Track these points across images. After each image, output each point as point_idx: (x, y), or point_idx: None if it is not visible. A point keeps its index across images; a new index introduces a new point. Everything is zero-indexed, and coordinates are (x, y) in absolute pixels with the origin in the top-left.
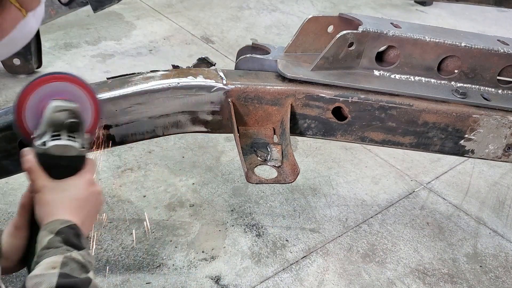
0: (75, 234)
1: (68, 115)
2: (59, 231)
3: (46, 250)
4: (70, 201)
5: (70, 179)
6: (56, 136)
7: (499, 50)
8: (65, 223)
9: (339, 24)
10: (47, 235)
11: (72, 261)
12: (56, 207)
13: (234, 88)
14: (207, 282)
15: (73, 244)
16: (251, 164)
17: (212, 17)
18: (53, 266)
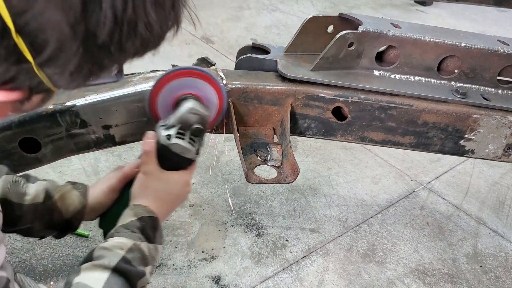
0: (152, 226)
1: (198, 120)
2: (141, 218)
3: (124, 229)
4: (165, 195)
5: (174, 173)
6: (181, 134)
7: (499, 50)
8: (150, 213)
9: (339, 24)
10: (131, 215)
11: (138, 251)
12: (151, 195)
13: (234, 88)
14: (207, 282)
15: (147, 235)
16: (251, 164)
17: (212, 17)
18: (121, 247)
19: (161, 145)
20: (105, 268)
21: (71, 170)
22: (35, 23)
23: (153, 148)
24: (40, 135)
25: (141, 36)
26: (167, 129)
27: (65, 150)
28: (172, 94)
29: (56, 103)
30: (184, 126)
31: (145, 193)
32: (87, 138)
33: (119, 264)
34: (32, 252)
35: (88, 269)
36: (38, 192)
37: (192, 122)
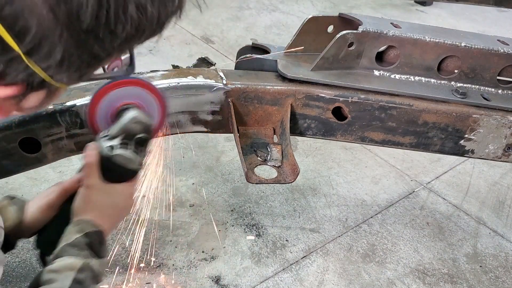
0: (100, 241)
1: (142, 129)
2: (88, 234)
3: (70, 248)
4: (108, 208)
5: (118, 186)
6: (124, 145)
7: (499, 50)
8: (96, 227)
9: (339, 24)
10: (76, 232)
11: (89, 270)
12: (95, 208)
13: (234, 88)
14: (207, 282)
15: (95, 250)
16: (251, 164)
17: (212, 17)
18: (70, 268)
19: (103, 156)
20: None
21: (71, 170)
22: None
23: (95, 160)
24: (40, 135)
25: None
26: (109, 140)
27: (65, 150)
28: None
29: (56, 103)
30: (128, 136)
31: (88, 207)
32: (87, 138)
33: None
34: (32, 252)
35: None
36: None
37: (136, 132)
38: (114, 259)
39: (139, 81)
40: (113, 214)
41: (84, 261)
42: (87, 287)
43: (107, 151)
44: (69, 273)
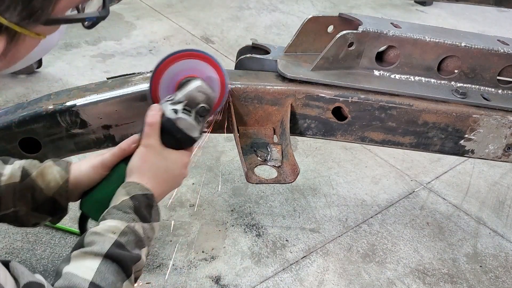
0: (147, 205)
1: (205, 99)
2: (134, 196)
3: (116, 210)
4: (163, 172)
5: (175, 152)
6: (187, 111)
7: (499, 50)
8: (145, 191)
9: (339, 24)
10: (123, 194)
11: (132, 233)
12: (149, 171)
13: (234, 88)
14: (207, 282)
15: (141, 214)
16: (251, 164)
17: (212, 17)
18: (113, 231)
19: (167, 118)
20: (96, 255)
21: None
22: None
23: (158, 121)
24: (40, 135)
25: None
26: (174, 104)
27: (65, 150)
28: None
29: (56, 103)
30: (191, 104)
31: (143, 167)
32: (87, 138)
33: (111, 249)
34: (32, 252)
35: (78, 257)
36: (14, 171)
37: (199, 101)
38: None
39: (201, 55)
40: (167, 179)
41: (127, 224)
42: (129, 250)
43: (171, 113)
44: (110, 236)
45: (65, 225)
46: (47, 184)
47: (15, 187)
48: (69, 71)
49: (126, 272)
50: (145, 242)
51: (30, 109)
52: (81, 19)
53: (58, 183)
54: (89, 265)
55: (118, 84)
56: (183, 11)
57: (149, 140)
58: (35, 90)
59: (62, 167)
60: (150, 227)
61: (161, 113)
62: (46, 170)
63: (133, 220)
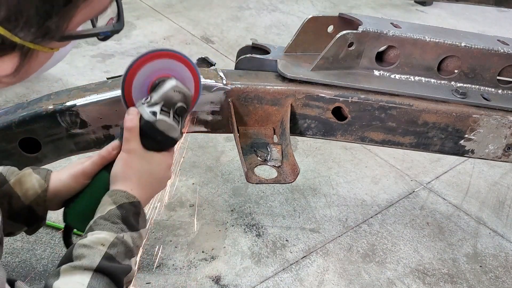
0: (135, 213)
1: (182, 98)
2: (121, 206)
3: (103, 221)
4: (148, 176)
5: (157, 155)
6: (165, 112)
7: (499, 50)
8: (131, 199)
9: (339, 24)
10: (110, 204)
11: (122, 244)
12: (134, 176)
13: (234, 88)
14: (207, 282)
15: (130, 223)
16: (251, 164)
17: (212, 17)
18: (102, 243)
19: (145, 121)
20: (86, 269)
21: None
22: None
23: (136, 125)
24: (40, 135)
25: None
26: (151, 106)
27: (65, 150)
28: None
29: (56, 103)
30: (168, 104)
31: (127, 173)
32: (87, 138)
33: (101, 263)
34: (32, 252)
35: (68, 272)
36: None
37: (176, 100)
38: None
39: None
40: (151, 183)
41: (116, 235)
42: (119, 262)
43: (149, 116)
44: (100, 248)
45: None
46: (24, 192)
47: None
48: (69, 71)
49: (117, 284)
50: (134, 251)
51: (30, 109)
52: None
53: (36, 192)
54: (79, 280)
55: (118, 84)
56: (183, 11)
57: (130, 145)
58: (35, 90)
59: (41, 175)
60: (138, 235)
61: (139, 116)
62: (25, 178)
63: (121, 230)
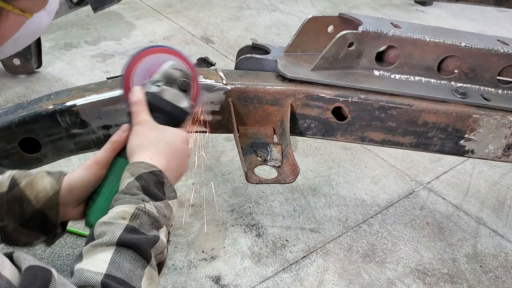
0: (157, 182)
1: (183, 75)
2: (140, 176)
3: (122, 195)
4: (165, 145)
5: (170, 128)
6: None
7: (499, 50)
8: (150, 168)
9: (339, 24)
10: (128, 177)
11: (144, 214)
12: (150, 144)
13: (234, 88)
14: (207, 282)
15: (152, 193)
16: (251, 164)
17: (212, 17)
18: (122, 216)
19: (151, 93)
20: (107, 245)
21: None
22: None
23: (143, 98)
24: (40, 135)
25: None
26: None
27: (65, 150)
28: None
29: (56, 103)
30: (170, 81)
31: (143, 144)
32: (87, 138)
33: (123, 236)
34: (32, 252)
35: (89, 252)
36: (3, 179)
37: (177, 76)
38: None
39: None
40: (172, 153)
41: (137, 206)
42: (144, 233)
43: (155, 88)
44: (120, 222)
45: None
46: (35, 195)
47: (1, 197)
48: (69, 71)
49: (144, 257)
50: (162, 221)
51: (30, 109)
52: None
53: (48, 194)
54: (101, 257)
55: (118, 84)
56: (183, 11)
57: (140, 116)
58: (35, 90)
59: (54, 177)
60: (165, 204)
61: (144, 91)
62: (36, 180)
63: (142, 200)
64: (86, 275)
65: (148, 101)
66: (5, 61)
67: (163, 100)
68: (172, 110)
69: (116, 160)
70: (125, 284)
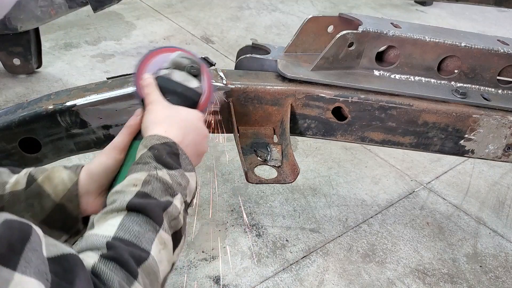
0: (170, 152)
1: (191, 62)
2: (152, 147)
3: (135, 165)
4: (179, 121)
5: (184, 108)
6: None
7: (499, 50)
8: (162, 139)
9: (339, 24)
10: (142, 148)
11: (156, 180)
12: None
13: (234, 88)
14: (207, 282)
15: (165, 162)
16: (251, 164)
17: (212, 17)
18: (134, 183)
19: (161, 77)
20: (118, 211)
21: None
22: None
23: (153, 81)
24: (40, 135)
25: None
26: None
27: (65, 150)
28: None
29: (56, 103)
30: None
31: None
32: (87, 138)
33: (133, 200)
34: None
35: (101, 219)
36: (19, 178)
37: (186, 64)
38: None
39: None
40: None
41: (148, 173)
42: (156, 198)
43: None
44: (132, 189)
45: None
46: (54, 188)
47: (20, 195)
48: (69, 71)
49: (156, 220)
50: (176, 189)
51: (30, 109)
52: None
53: (67, 186)
54: (111, 222)
55: (118, 84)
56: (183, 11)
57: (152, 96)
58: (35, 90)
59: (71, 169)
60: (180, 173)
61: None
62: (54, 174)
63: (155, 168)
64: (93, 238)
65: (158, 85)
66: (5, 61)
67: (173, 81)
68: (183, 90)
69: (133, 144)
70: (133, 245)
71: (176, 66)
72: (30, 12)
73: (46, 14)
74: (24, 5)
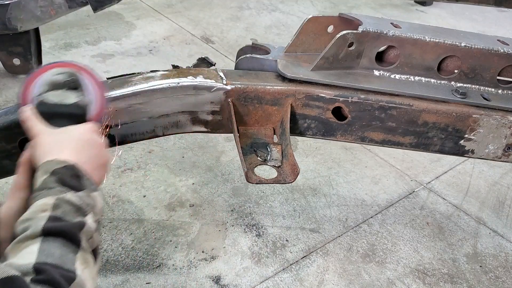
0: (73, 175)
1: (69, 75)
2: (54, 171)
3: (38, 192)
4: (70, 142)
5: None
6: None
7: (499, 50)
8: (61, 163)
9: (339, 24)
10: (41, 175)
11: (66, 203)
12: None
13: (234, 88)
14: (207, 282)
15: (70, 184)
16: (251, 164)
17: (212, 17)
18: (43, 209)
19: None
20: (33, 238)
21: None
22: None
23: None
24: None
25: None
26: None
27: None
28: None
29: None
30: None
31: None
32: None
33: (47, 225)
34: None
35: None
36: None
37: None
38: (114, 259)
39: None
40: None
41: (56, 197)
42: (69, 221)
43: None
44: (42, 215)
45: None
46: None
47: None
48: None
49: (74, 241)
50: (86, 209)
51: None
52: None
53: None
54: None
55: (118, 84)
56: (183, 11)
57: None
58: None
59: None
60: (86, 194)
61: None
62: None
63: (60, 192)
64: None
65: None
66: (5, 61)
67: (50, 105)
68: (64, 110)
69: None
70: (59, 267)
71: (53, 85)
72: (30, 12)
73: (46, 14)
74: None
